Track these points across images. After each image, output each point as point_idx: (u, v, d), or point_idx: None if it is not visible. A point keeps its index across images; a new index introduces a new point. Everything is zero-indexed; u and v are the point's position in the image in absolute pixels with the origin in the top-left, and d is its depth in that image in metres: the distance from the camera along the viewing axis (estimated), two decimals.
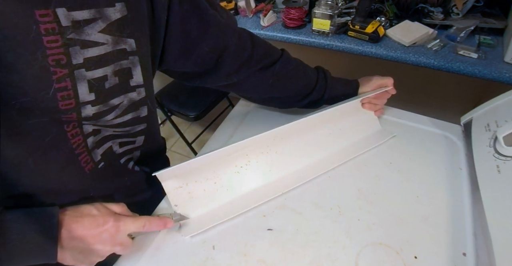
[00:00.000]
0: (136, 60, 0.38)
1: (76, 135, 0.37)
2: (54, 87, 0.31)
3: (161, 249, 0.46)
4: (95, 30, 0.32)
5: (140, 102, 0.42)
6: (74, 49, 0.31)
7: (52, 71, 0.30)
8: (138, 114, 0.43)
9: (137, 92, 0.41)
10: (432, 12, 1.05)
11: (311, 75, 0.59)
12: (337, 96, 0.61)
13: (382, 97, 0.63)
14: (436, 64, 0.93)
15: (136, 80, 0.39)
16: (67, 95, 0.32)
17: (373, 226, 0.47)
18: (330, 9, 1.04)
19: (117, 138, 0.44)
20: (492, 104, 0.55)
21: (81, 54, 0.32)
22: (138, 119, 0.44)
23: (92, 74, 0.34)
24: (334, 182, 0.54)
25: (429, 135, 0.62)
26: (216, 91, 1.49)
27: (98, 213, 0.38)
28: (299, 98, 0.60)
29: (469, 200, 0.50)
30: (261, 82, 0.55)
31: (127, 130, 0.44)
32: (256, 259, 0.44)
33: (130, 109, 0.41)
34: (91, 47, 0.33)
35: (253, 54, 0.52)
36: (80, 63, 0.32)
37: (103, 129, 0.41)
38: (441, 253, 0.44)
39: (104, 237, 0.38)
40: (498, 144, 0.48)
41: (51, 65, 0.30)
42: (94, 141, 0.40)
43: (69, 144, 0.37)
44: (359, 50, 1.03)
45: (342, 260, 0.43)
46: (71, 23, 0.30)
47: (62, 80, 0.31)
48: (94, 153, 0.41)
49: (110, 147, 0.44)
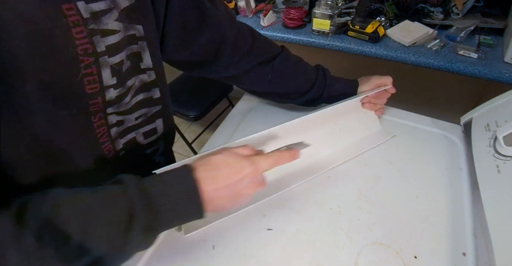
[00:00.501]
0: (144, 45, 0.41)
1: (101, 125, 0.39)
2: (82, 73, 0.33)
3: (161, 249, 0.46)
4: (111, 19, 0.35)
5: (151, 84, 0.45)
6: (96, 38, 0.33)
7: (80, 60, 0.32)
8: (150, 95, 0.46)
9: (148, 75, 0.43)
10: (432, 12, 1.05)
11: (311, 73, 0.60)
12: (336, 95, 0.61)
13: (382, 96, 0.63)
14: (436, 64, 0.93)
15: (146, 63, 0.42)
16: (93, 80, 0.34)
17: (373, 226, 0.47)
18: (330, 9, 1.04)
19: (139, 127, 0.47)
20: (492, 104, 0.55)
21: (102, 42, 0.34)
22: (152, 101, 0.46)
23: (113, 60, 0.36)
24: (334, 182, 0.54)
25: (429, 135, 0.62)
26: (216, 91, 1.49)
27: (232, 160, 0.39)
28: (297, 95, 0.61)
29: (469, 200, 0.50)
30: (260, 77, 0.57)
31: (145, 113, 0.46)
32: (256, 259, 0.44)
33: (142, 90, 0.44)
34: (109, 35, 0.35)
35: (253, 48, 0.53)
36: (103, 51, 0.34)
37: (126, 120, 0.43)
38: (441, 253, 0.44)
39: (246, 182, 0.38)
40: (498, 143, 0.48)
41: (79, 54, 0.32)
42: (117, 131, 0.43)
43: (94, 134, 0.39)
44: (359, 50, 1.03)
45: (342, 260, 0.43)
46: (90, 14, 0.32)
47: (89, 67, 0.33)
48: (116, 142, 0.44)
49: (134, 137, 0.47)
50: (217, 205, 0.38)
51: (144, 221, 0.32)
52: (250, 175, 0.39)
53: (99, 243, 0.31)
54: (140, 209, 0.32)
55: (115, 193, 0.33)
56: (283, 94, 0.61)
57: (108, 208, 0.32)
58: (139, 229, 0.32)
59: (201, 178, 0.36)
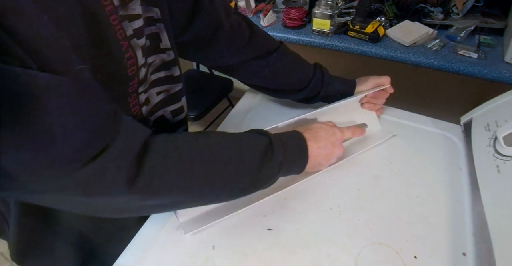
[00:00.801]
0: (162, 27, 0.43)
1: (135, 105, 0.41)
2: (125, 57, 0.35)
3: (161, 249, 0.46)
4: (137, 4, 0.37)
5: (170, 63, 0.47)
6: (125, 23, 0.35)
7: (121, 44, 0.35)
8: (171, 73, 0.48)
9: (167, 55, 0.46)
10: (432, 12, 1.05)
11: (308, 70, 0.60)
12: (334, 94, 0.61)
13: (381, 96, 0.63)
14: (436, 64, 0.93)
15: (164, 44, 0.45)
16: (132, 62, 0.37)
17: (373, 226, 0.47)
18: (330, 9, 1.04)
19: (166, 106, 0.48)
20: (492, 104, 0.55)
21: (130, 27, 0.36)
22: (173, 78, 0.48)
23: (141, 42, 0.38)
24: (334, 182, 0.54)
25: (429, 135, 0.62)
26: (216, 91, 1.49)
27: (326, 127, 0.50)
28: (294, 91, 0.61)
29: (469, 200, 0.50)
30: (257, 70, 0.58)
31: (167, 89, 0.48)
32: (256, 259, 0.44)
33: (163, 68, 0.46)
34: (135, 20, 0.37)
35: (251, 41, 0.55)
36: (132, 34, 0.36)
37: (150, 96, 0.45)
38: (441, 253, 0.44)
39: (337, 143, 0.50)
40: (498, 143, 0.48)
41: (119, 39, 0.34)
42: (147, 109, 0.45)
43: (130, 114, 0.41)
44: (359, 50, 1.03)
45: (342, 260, 0.43)
46: (119, 2, 0.34)
47: (127, 51, 0.36)
48: (148, 120, 0.46)
49: (162, 115, 0.49)
50: (315, 162, 0.47)
51: (280, 156, 0.42)
52: (339, 138, 0.50)
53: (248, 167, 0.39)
54: (277, 146, 0.42)
55: (255, 134, 0.44)
56: (279, 90, 0.62)
57: (254, 142, 0.41)
58: (275, 161, 0.41)
59: (308, 138, 0.46)
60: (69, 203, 0.32)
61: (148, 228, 0.48)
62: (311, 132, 0.48)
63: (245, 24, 0.55)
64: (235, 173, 0.38)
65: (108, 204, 0.34)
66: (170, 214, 0.50)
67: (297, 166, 0.46)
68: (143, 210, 0.37)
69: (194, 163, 0.35)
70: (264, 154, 0.40)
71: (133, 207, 0.35)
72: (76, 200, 0.31)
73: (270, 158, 0.41)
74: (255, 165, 0.40)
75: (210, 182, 0.37)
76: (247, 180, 0.40)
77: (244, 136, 0.43)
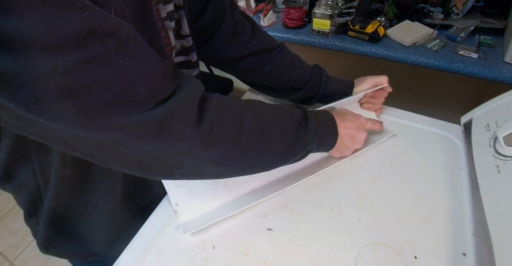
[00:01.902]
0: (183, 14, 0.46)
1: None
2: (162, 36, 0.38)
3: (161, 249, 0.46)
4: None
5: (190, 49, 0.50)
6: (160, 6, 0.38)
7: (158, 23, 0.37)
8: (190, 58, 0.51)
9: (186, 41, 0.49)
10: (432, 12, 1.05)
11: (306, 70, 0.61)
12: (332, 94, 0.62)
13: (379, 96, 0.63)
14: (436, 64, 0.93)
15: (184, 30, 0.47)
16: (166, 42, 0.39)
17: (373, 226, 0.47)
18: (330, 9, 1.04)
19: None
20: (492, 104, 0.55)
21: (164, 10, 0.39)
22: (191, 63, 0.51)
23: (172, 24, 0.41)
24: (334, 182, 0.54)
25: (429, 135, 0.62)
26: (216, 91, 1.49)
27: (350, 112, 0.54)
28: (291, 91, 0.62)
29: (469, 200, 0.50)
30: (256, 67, 0.59)
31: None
32: (256, 259, 0.44)
33: (182, 53, 0.49)
34: (168, 3, 0.40)
35: (252, 39, 0.57)
36: (165, 16, 0.39)
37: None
38: (441, 253, 0.44)
39: (361, 128, 0.53)
40: (498, 144, 0.48)
41: (156, 19, 0.36)
42: None
43: None
44: (359, 50, 1.03)
45: (342, 260, 0.43)
46: None
47: (162, 30, 0.38)
48: None
49: None
50: (343, 141, 0.51)
51: (314, 125, 0.45)
52: (363, 123, 0.54)
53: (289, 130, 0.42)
54: (311, 117, 0.45)
55: (292, 107, 0.47)
56: (277, 88, 0.63)
57: (291, 111, 0.45)
58: (310, 129, 0.44)
59: (336, 118, 0.50)
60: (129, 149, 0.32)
61: (148, 228, 0.48)
62: (339, 113, 0.52)
63: (249, 24, 0.57)
64: (277, 134, 0.41)
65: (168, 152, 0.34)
66: (170, 214, 0.50)
67: (329, 138, 0.49)
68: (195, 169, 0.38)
69: (244, 118, 0.38)
70: (300, 122, 0.44)
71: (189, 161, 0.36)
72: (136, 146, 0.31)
73: (306, 126, 0.44)
74: (293, 131, 0.43)
75: (257, 140, 0.39)
76: (286, 145, 0.42)
77: (282, 106, 0.46)
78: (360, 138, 0.53)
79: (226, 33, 0.55)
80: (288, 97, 0.64)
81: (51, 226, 0.47)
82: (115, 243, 0.51)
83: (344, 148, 0.52)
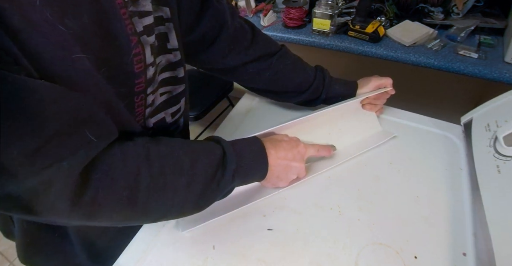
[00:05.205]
0: (171, 27, 0.43)
1: (140, 105, 0.41)
2: (132, 53, 0.35)
3: (161, 249, 0.46)
4: (148, 1, 0.37)
5: (176, 64, 0.47)
6: (135, 19, 0.35)
7: (130, 39, 0.34)
8: (176, 74, 0.48)
9: (174, 55, 0.46)
10: (432, 12, 1.05)
11: (309, 73, 0.60)
12: (335, 96, 0.61)
13: (381, 97, 0.63)
14: (436, 64, 0.93)
15: (172, 44, 0.45)
16: (139, 59, 0.37)
17: (373, 226, 0.47)
18: (330, 9, 1.04)
19: (168, 107, 0.48)
20: (492, 104, 0.55)
21: (140, 23, 0.36)
22: (177, 79, 0.48)
23: (150, 39, 0.38)
24: (334, 182, 0.54)
25: (429, 135, 0.62)
26: (216, 91, 1.49)
27: (288, 139, 0.49)
28: (295, 94, 0.61)
29: (469, 200, 0.50)
30: (258, 72, 0.57)
31: (170, 91, 0.48)
32: (256, 259, 0.44)
33: (168, 69, 0.46)
34: (145, 16, 0.37)
35: (253, 43, 0.55)
36: (142, 30, 0.36)
37: (155, 98, 0.45)
38: (441, 253, 0.44)
39: (298, 157, 0.48)
40: (498, 144, 0.48)
41: (128, 33, 0.34)
42: (150, 111, 0.45)
43: (134, 113, 0.41)
44: (359, 50, 1.03)
45: (342, 260, 0.43)
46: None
47: (136, 46, 0.35)
48: (148, 121, 0.45)
49: (163, 117, 0.48)
50: (274, 173, 0.46)
51: (234, 165, 0.41)
52: (301, 152, 0.48)
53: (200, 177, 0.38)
54: (231, 155, 0.41)
55: (211, 143, 0.43)
56: (280, 92, 0.62)
57: (207, 152, 0.40)
58: (229, 170, 0.40)
59: (267, 146, 0.45)
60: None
61: (148, 228, 0.48)
62: (271, 141, 0.46)
63: (248, 27, 0.56)
64: (185, 184, 0.37)
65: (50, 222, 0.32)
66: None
67: (256, 172, 0.44)
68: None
69: (141, 175, 0.34)
70: (217, 164, 0.40)
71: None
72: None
73: (224, 168, 0.40)
74: (208, 175, 0.39)
75: (158, 195, 0.35)
76: (199, 191, 0.38)
77: (200, 146, 0.41)
78: (295, 168, 0.48)
79: (226, 41, 0.53)
80: (291, 100, 0.64)
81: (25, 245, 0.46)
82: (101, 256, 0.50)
83: (275, 179, 0.47)
